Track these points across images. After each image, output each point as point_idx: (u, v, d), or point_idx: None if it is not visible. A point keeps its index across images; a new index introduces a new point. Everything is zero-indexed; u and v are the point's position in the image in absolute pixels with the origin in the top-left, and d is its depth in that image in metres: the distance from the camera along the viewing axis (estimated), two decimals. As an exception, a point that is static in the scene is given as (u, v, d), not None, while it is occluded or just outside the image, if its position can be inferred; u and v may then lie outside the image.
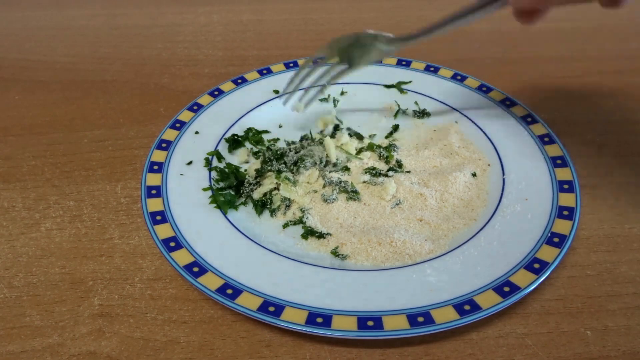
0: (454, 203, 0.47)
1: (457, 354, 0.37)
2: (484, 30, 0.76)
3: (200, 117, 0.55)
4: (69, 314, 0.39)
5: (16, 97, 0.63)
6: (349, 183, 0.48)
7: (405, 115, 0.58)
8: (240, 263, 0.40)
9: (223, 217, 0.45)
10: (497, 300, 0.37)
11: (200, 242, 0.42)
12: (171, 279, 0.42)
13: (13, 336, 0.38)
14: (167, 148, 0.51)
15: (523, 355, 0.36)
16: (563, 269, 0.42)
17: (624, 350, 0.37)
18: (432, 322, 0.36)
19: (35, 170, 0.52)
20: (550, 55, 0.70)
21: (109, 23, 0.79)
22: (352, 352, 0.37)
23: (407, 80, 0.60)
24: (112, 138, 0.56)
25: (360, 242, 0.43)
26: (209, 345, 0.37)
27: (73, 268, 0.43)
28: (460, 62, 0.67)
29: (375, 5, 0.83)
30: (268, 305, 0.37)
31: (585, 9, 0.82)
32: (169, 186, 0.47)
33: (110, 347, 0.37)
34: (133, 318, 0.39)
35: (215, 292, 0.38)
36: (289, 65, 0.63)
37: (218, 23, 0.79)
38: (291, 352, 0.37)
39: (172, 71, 0.68)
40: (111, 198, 0.49)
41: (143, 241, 0.45)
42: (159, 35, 0.76)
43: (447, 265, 0.40)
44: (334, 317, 0.36)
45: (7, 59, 0.71)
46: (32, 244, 0.45)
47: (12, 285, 0.42)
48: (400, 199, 0.47)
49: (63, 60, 0.70)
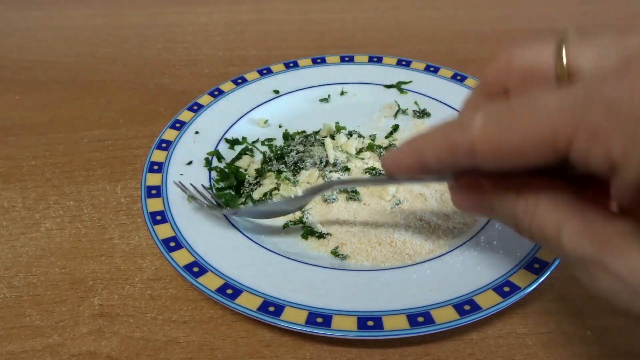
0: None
1: (457, 354, 0.37)
2: (484, 30, 0.76)
3: (200, 117, 0.55)
4: (69, 314, 0.39)
5: (16, 97, 0.63)
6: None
7: (405, 115, 0.58)
8: (240, 263, 0.40)
9: (223, 217, 0.44)
10: (497, 300, 0.37)
11: (200, 242, 0.42)
12: (171, 279, 0.42)
13: (13, 336, 0.38)
14: (167, 148, 0.51)
15: (523, 355, 0.36)
16: (563, 269, 0.42)
17: (624, 350, 0.37)
18: (432, 322, 0.36)
19: (35, 170, 0.52)
20: (550, 55, 0.70)
21: (109, 23, 0.79)
22: (352, 352, 0.37)
23: (407, 80, 0.60)
24: (112, 138, 0.56)
25: (360, 242, 0.43)
26: (209, 345, 0.37)
27: (73, 268, 0.43)
28: (460, 62, 0.67)
29: (375, 5, 0.83)
30: (268, 305, 0.37)
31: (585, 9, 0.83)
32: (169, 186, 0.47)
33: (110, 347, 0.37)
34: (133, 318, 0.39)
35: (215, 292, 0.38)
36: (289, 65, 0.63)
37: (218, 23, 0.79)
38: (291, 352, 0.37)
39: (172, 71, 0.68)
40: (111, 198, 0.49)
41: (143, 241, 0.45)
42: (159, 35, 0.76)
43: (447, 265, 0.40)
44: (334, 317, 0.36)
45: (7, 59, 0.71)
46: (32, 244, 0.45)
47: (12, 285, 0.42)
48: (400, 199, 0.47)
49: (63, 60, 0.70)
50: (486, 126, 0.23)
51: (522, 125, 0.22)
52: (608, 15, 0.80)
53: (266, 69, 0.62)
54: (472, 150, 0.24)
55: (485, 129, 0.23)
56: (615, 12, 0.81)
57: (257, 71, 0.62)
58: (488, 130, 0.23)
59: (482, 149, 0.23)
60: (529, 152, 0.22)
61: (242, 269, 0.40)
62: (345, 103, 0.59)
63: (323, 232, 0.44)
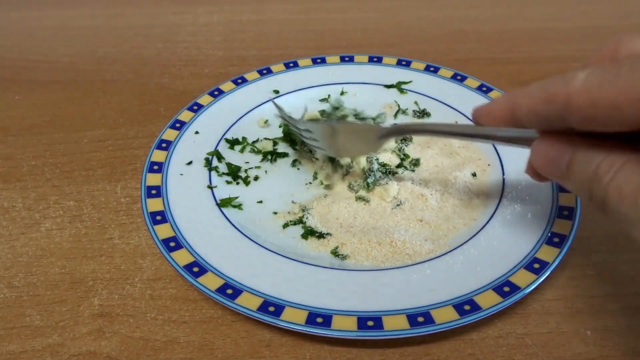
0: (454, 203, 0.47)
1: (457, 354, 0.37)
2: (484, 30, 0.76)
3: (200, 117, 0.55)
4: (69, 314, 0.39)
5: (16, 97, 0.63)
6: (390, 167, 0.49)
7: (405, 115, 0.58)
8: (240, 263, 0.40)
9: (223, 217, 0.45)
10: (497, 300, 0.37)
11: (200, 242, 0.42)
12: (171, 279, 0.42)
13: (13, 336, 0.38)
14: (167, 148, 0.51)
15: (523, 355, 0.36)
16: (563, 269, 0.42)
17: (624, 350, 0.37)
18: (432, 322, 0.36)
19: (35, 170, 0.52)
20: (550, 55, 0.70)
21: (109, 23, 0.79)
22: (352, 352, 0.37)
23: (407, 80, 0.60)
24: (112, 138, 0.56)
25: (360, 242, 0.43)
26: (209, 345, 0.37)
27: (73, 268, 0.43)
28: (460, 62, 0.67)
29: (375, 5, 0.83)
30: (268, 305, 0.37)
31: (585, 9, 0.83)
32: (169, 186, 0.47)
33: (110, 347, 0.37)
34: (133, 318, 0.39)
35: (215, 292, 0.38)
36: (289, 65, 0.63)
37: (218, 23, 0.79)
38: (291, 352, 0.37)
39: (172, 71, 0.68)
40: (111, 198, 0.49)
41: (143, 241, 0.45)
42: (159, 35, 0.76)
43: (447, 265, 0.40)
44: (334, 317, 0.36)
45: (7, 59, 0.71)
46: (32, 244, 0.45)
47: (12, 285, 0.42)
48: (401, 200, 0.47)
49: (63, 60, 0.70)
50: (588, 80, 0.24)
51: (624, 82, 0.22)
52: (608, 15, 0.80)
53: (266, 69, 0.62)
54: (568, 102, 0.24)
55: (586, 82, 0.24)
56: (615, 12, 0.81)
57: (257, 71, 0.62)
58: (589, 84, 0.24)
59: (579, 101, 0.24)
60: (627, 108, 0.22)
61: (242, 269, 0.40)
62: (345, 103, 0.59)
63: (323, 232, 0.44)
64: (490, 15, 0.81)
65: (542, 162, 0.29)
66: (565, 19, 0.79)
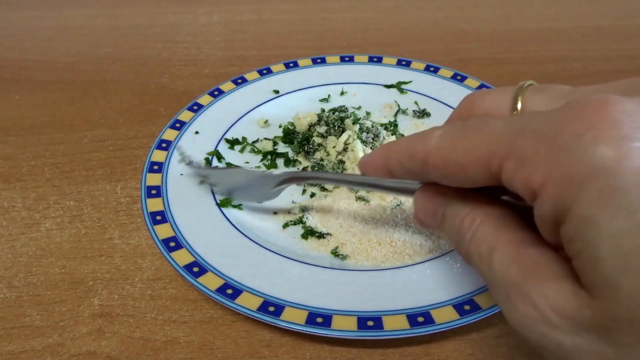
0: (454, 203, 0.47)
1: (457, 354, 0.37)
2: (484, 30, 0.76)
3: (200, 117, 0.55)
4: (69, 314, 0.39)
5: (16, 97, 0.63)
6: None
7: (405, 115, 0.58)
8: (240, 263, 0.40)
9: (223, 218, 0.45)
10: (497, 300, 0.37)
11: (200, 242, 0.42)
12: (171, 279, 0.42)
13: (13, 336, 0.38)
14: (167, 148, 0.51)
15: (523, 355, 0.36)
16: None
17: (624, 350, 0.37)
18: (432, 322, 0.36)
19: (35, 170, 0.52)
20: (550, 55, 0.70)
21: (109, 23, 0.79)
22: (352, 352, 0.37)
23: (407, 80, 0.60)
24: (112, 138, 0.56)
25: (360, 242, 0.43)
26: (209, 345, 0.37)
27: (73, 268, 0.43)
28: (460, 62, 0.67)
29: (375, 6, 0.84)
30: (268, 305, 0.37)
31: (585, 9, 0.83)
32: (169, 186, 0.47)
33: (110, 347, 0.37)
34: (133, 318, 0.39)
35: (215, 292, 0.38)
36: (289, 65, 0.63)
37: (218, 23, 0.79)
38: (291, 352, 0.37)
39: (172, 71, 0.68)
40: (111, 198, 0.49)
41: (143, 241, 0.45)
42: (159, 35, 0.76)
43: (447, 265, 0.40)
44: (334, 317, 0.36)
45: (7, 59, 0.71)
46: (32, 244, 0.45)
47: (12, 285, 0.42)
48: (401, 199, 0.47)
49: (63, 60, 0.70)
50: (441, 139, 0.25)
51: (467, 142, 0.23)
52: (608, 15, 0.80)
53: (266, 69, 0.62)
54: (425, 159, 0.25)
55: (439, 141, 0.25)
56: (615, 12, 0.81)
57: (257, 71, 0.62)
58: (440, 143, 0.25)
59: (434, 160, 0.25)
60: (470, 169, 0.23)
61: (242, 269, 0.40)
62: (345, 103, 0.59)
63: (323, 232, 0.44)
64: (490, 15, 0.81)
65: (422, 213, 0.29)
66: (565, 19, 0.79)
